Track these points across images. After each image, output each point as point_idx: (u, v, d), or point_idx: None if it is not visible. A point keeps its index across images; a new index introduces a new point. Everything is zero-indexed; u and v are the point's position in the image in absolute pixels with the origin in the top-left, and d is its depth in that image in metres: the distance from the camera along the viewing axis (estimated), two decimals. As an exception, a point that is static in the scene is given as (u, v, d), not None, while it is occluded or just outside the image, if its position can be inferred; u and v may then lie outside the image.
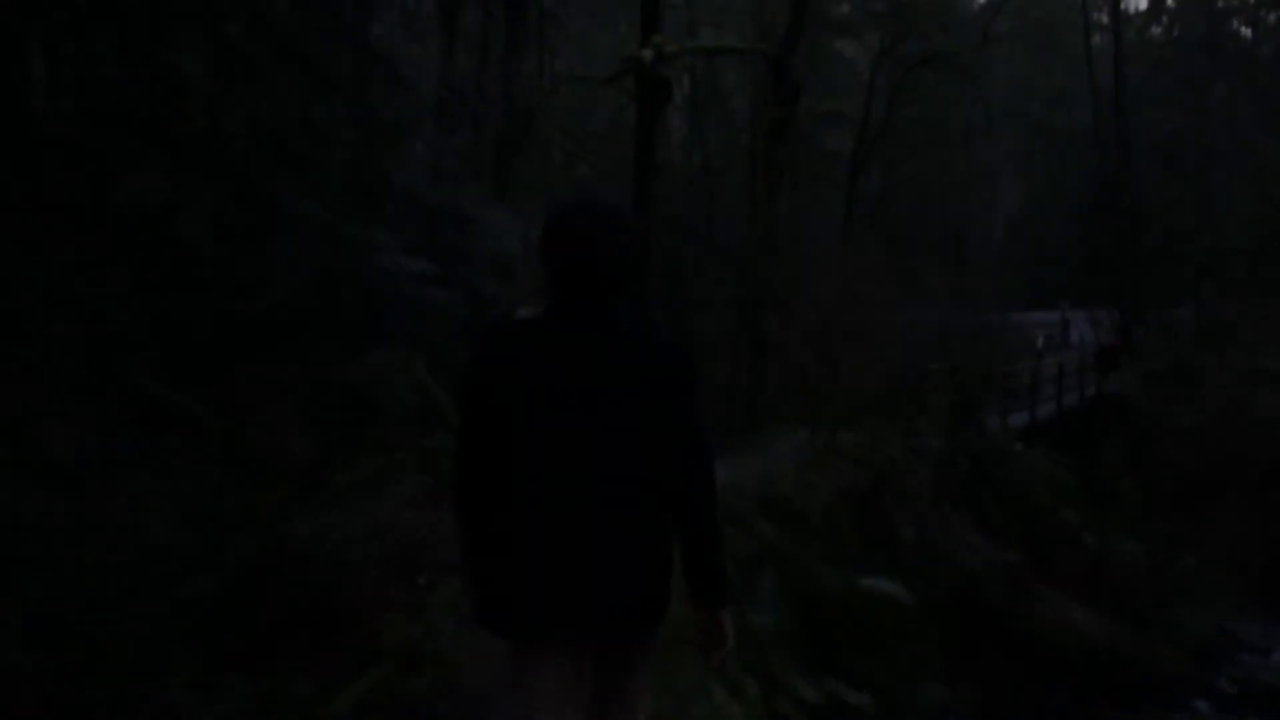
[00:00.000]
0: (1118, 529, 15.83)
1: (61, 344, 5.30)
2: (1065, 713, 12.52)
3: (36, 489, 5.39)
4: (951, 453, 14.06)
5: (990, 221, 46.46)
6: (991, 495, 14.44)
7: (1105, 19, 44.30)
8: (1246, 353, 22.40)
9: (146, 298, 4.98)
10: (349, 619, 7.00)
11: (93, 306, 5.13)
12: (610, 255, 3.23)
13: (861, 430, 14.32)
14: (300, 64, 5.39)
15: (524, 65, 22.96)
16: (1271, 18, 41.45)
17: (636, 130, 19.00)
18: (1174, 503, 18.64)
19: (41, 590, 4.98)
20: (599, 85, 20.27)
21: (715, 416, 18.18)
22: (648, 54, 16.46)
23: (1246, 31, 42.52)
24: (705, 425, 3.36)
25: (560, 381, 3.17)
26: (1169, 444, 20.71)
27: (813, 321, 18.32)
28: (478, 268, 6.02)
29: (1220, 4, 42.26)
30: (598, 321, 3.23)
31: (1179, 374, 22.34)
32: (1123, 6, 40.41)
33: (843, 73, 38.71)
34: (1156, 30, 44.65)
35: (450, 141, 9.56)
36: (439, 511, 9.17)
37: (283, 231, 4.92)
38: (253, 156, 5.26)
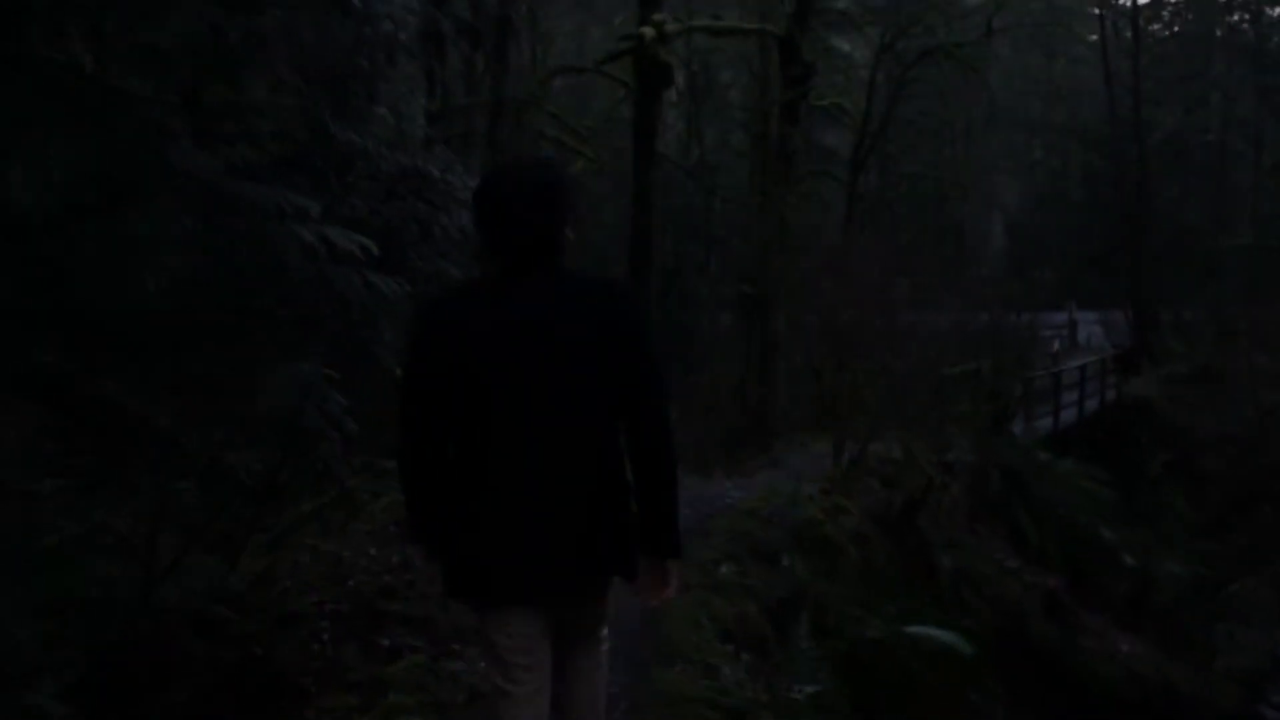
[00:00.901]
0: (1156, 547, 14.30)
1: None
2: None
3: None
4: (984, 466, 12.49)
5: (989, 220, 44.85)
6: (1026, 512, 12.89)
7: (1099, 11, 43.19)
8: (1271, 355, 20.87)
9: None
10: (289, 697, 5.43)
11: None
12: (540, 220, 3.13)
13: (888, 441, 12.78)
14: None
15: (517, 56, 21.45)
16: (1276, 11, 39.88)
17: (635, 118, 17.56)
18: (1210, 517, 17.11)
19: None
20: (596, 68, 18.75)
21: (725, 425, 16.52)
22: (649, 31, 14.91)
23: (1250, 27, 40.90)
24: (658, 363, 3.23)
25: (505, 342, 3.07)
26: (1198, 453, 19.17)
27: (826, 322, 16.80)
28: (439, 247, 4.48)
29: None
30: (535, 280, 3.13)
31: (1203, 378, 20.79)
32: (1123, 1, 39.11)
33: (841, 69, 37.14)
34: (1156, 26, 43.06)
35: (418, 100, 7.95)
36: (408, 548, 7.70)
37: (165, 195, 3.38)
38: (125, 97, 3.71)
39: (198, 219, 3.44)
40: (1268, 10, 40.04)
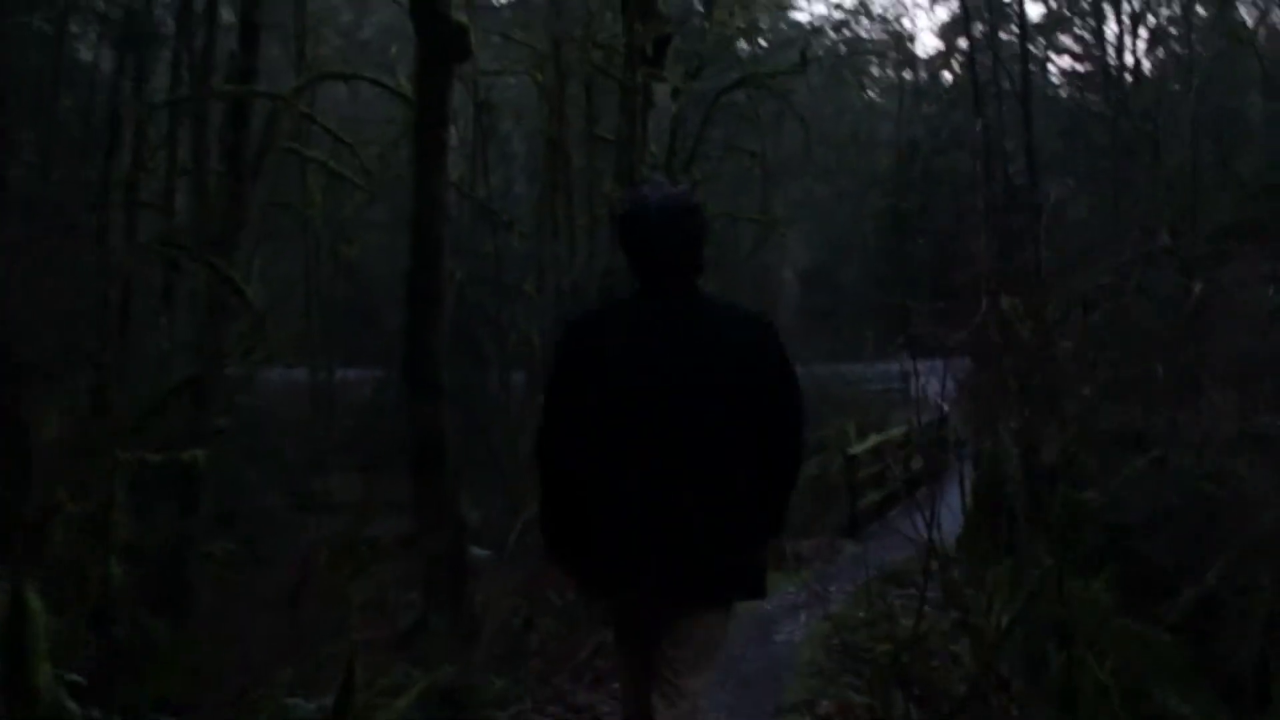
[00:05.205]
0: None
1: None
2: None
3: None
4: (1038, 633, 6.71)
5: (782, 269, 40.44)
6: (1096, 696, 7.23)
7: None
8: (1207, 413, 16.19)
9: None
10: None
11: None
12: (683, 242, 3.18)
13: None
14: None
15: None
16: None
17: (419, 103, 11.79)
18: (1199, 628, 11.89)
19: None
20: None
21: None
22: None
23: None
24: (798, 385, 3.25)
25: (647, 354, 3.11)
26: (1144, 539, 14.11)
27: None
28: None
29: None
30: (675, 302, 3.18)
31: (1130, 441, 15.88)
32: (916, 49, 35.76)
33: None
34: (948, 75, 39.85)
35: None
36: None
37: None
38: None
39: None
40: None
